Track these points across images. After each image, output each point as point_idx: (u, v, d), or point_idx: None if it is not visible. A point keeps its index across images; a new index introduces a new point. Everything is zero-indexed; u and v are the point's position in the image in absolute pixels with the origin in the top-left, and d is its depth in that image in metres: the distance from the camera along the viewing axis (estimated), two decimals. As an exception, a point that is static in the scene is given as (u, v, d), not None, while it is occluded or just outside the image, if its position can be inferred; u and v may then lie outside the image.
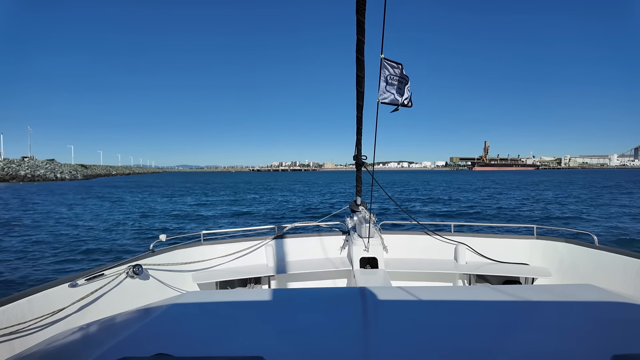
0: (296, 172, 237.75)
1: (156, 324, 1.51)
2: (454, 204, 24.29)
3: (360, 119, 3.25)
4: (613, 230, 11.76)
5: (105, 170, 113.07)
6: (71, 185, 54.89)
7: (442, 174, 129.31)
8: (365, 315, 1.60)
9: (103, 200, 27.80)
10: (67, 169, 77.02)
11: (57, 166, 75.83)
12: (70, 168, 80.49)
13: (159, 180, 79.85)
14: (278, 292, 1.97)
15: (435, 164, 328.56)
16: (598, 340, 1.26)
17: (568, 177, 74.72)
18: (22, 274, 7.90)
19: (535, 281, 3.67)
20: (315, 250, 4.28)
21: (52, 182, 64.21)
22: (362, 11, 2.31)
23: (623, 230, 11.91)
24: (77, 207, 22.10)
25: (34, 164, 70.84)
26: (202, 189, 45.45)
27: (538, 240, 3.89)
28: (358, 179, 4.18)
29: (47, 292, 2.42)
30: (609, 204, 21.83)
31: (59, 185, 54.20)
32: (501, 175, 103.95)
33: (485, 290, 1.94)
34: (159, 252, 3.50)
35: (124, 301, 2.88)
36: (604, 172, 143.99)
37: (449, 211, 19.79)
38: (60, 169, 74.22)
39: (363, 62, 2.71)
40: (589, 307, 1.53)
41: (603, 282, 2.84)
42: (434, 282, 4.16)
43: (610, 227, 12.39)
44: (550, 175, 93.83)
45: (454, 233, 4.19)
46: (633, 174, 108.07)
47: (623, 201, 23.09)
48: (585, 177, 73.98)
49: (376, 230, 4.02)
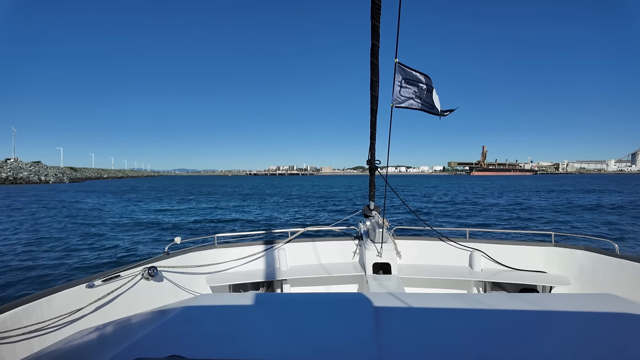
0: (293, 176, 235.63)
1: (170, 325, 1.52)
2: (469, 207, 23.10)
3: (374, 123, 3.13)
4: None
5: (96, 174, 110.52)
6: (47, 188, 52.27)
7: (440, 179, 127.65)
8: (378, 321, 1.56)
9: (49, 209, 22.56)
10: (52, 172, 74.28)
11: (42, 168, 73.23)
12: (56, 171, 77.74)
13: (147, 184, 77.04)
14: (290, 296, 2.05)
15: (433, 168, 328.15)
16: (619, 352, 1.21)
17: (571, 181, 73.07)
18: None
19: (553, 290, 3.55)
20: (327, 255, 4.24)
21: (35, 184, 61.76)
22: (377, 16, 2.31)
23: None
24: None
25: (17, 166, 68.20)
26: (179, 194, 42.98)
27: (556, 248, 3.77)
28: (371, 184, 4.06)
29: (66, 292, 2.48)
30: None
31: (34, 188, 51.59)
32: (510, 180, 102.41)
33: (502, 298, 1.85)
34: (173, 254, 3.50)
35: (139, 302, 2.92)
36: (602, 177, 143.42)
37: (463, 213, 18.76)
38: (46, 172, 71.55)
39: (377, 67, 2.65)
40: (610, 318, 1.47)
41: (624, 292, 2.85)
42: (448, 289, 4.02)
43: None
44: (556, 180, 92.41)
45: (468, 239, 4.06)
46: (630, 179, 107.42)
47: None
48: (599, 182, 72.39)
49: (389, 235, 3.95)
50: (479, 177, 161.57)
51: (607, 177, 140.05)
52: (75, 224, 15.86)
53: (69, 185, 63.23)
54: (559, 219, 17.25)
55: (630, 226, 14.31)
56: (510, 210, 20.89)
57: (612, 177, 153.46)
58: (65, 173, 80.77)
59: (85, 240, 12.12)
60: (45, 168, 75.75)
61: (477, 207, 23.23)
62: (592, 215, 18.61)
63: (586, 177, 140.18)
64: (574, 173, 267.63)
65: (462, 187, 56.54)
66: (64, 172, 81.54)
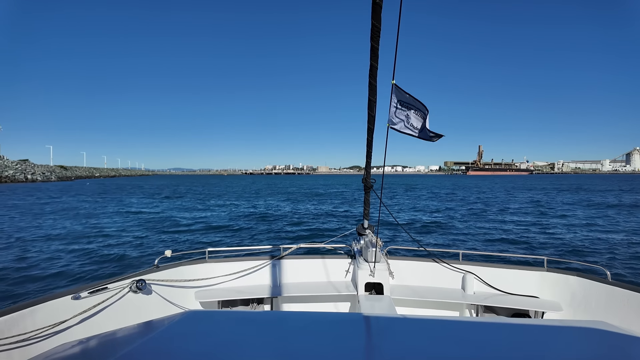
0: (290, 175, 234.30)
1: (157, 341, 1.49)
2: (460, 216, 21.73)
3: (371, 142, 3.09)
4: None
5: (87, 172, 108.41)
6: (25, 187, 50.45)
7: (436, 179, 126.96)
8: (369, 342, 1.56)
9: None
10: (40, 170, 72.27)
11: (29, 167, 71.24)
12: (44, 169, 75.63)
13: (134, 183, 75.34)
14: (280, 314, 2.04)
15: (429, 168, 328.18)
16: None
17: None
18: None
19: (545, 315, 3.52)
20: (319, 273, 4.17)
21: (21, 183, 59.96)
22: (376, 38, 2.33)
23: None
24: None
25: (3, 164, 66.13)
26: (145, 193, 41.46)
27: (549, 273, 3.75)
28: (366, 202, 3.96)
29: (51, 303, 2.45)
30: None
31: (12, 187, 49.79)
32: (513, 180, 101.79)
33: (493, 322, 1.82)
34: (163, 267, 3.46)
35: (126, 316, 2.88)
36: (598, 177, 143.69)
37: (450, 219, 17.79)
38: (32, 170, 69.59)
39: (375, 87, 2.67)
40: (600, 346, 1.47)
41: (616, 319, 2.92)
42: (441, 311, 4.00)
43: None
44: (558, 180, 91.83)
45: (462, 261, 3.99)
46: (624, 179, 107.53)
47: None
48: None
49: (382, 255, 3.92)
50: (475, 177, 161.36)
51: (602, 177, 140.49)
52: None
53: (51, 184, 61.13)
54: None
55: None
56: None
57: (607, 177, 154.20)
58: (54, 172, 78.60)
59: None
60: (32, 166, 73.64)
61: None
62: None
63: (582, 177, 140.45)
64: (569, 173, 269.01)
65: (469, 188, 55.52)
66: (52, 170, 79.34)
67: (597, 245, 11.43)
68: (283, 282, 4.04)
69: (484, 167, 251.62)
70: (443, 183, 74.61)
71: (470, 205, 25.15)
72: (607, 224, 16.12)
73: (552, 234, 13.38)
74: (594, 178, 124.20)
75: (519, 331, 1.62)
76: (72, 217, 18.12)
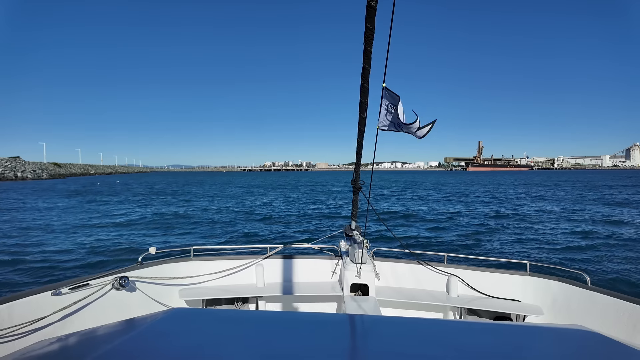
0: (289, 172, 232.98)
1: (139, 339, 1.48)
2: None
3: (361, 144, 3.15)
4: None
5: (82, 170, 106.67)
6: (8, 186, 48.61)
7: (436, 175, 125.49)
8: (354, 343, 1.59)
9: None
10: (30, 168, 70.48)
11: (19, 164, 69.49)
12: (34, 166, 73.78)
13: (128, 180, 73.75)
14: (265, 314, 2.01)
15: (428, 164, 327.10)
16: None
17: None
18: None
19: (526, 319, 3.61)
20: (306, 273, 4.17)
21: (10, 181, 58.31)
22: (369, 41, 2.33)
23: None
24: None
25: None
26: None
27: (530, 277, 3.80)
28: (354, 204, 4.01)
29: (29, 299, 2.41)
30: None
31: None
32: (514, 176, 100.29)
33: (475, 325, 1.90)
34: (147, 264, 3.44)
35: (108, 313, 2.87)
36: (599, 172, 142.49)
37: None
38: (23, 168, 67.86)
39: (367, 90, 2.72)
40: (579, 349, 1.52)
41: (595, 324, 2.98)
42: (425, 313, 4.06)
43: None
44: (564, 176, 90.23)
45: (446, 264, 4.08)
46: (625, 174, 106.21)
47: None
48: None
49: (369, 256, 3.96)
50: (475, 173, 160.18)
51: (603, 173, 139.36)
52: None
53: (37, 182, 59.24)
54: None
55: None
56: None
57: (608, 172, 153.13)
58: (46, 169, 76.77)
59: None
60: (23, 164, 71.94)
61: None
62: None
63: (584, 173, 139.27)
64: (569, 169, 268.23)
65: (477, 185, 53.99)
66: (44, 168, 77.44)
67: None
68: (269, 282, 4.01)
69: (484, 162, 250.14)
70: (447, 180, 73.08)
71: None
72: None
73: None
74: (594, 174, 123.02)
75: (500, 334, 1.64)
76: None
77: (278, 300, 4.06)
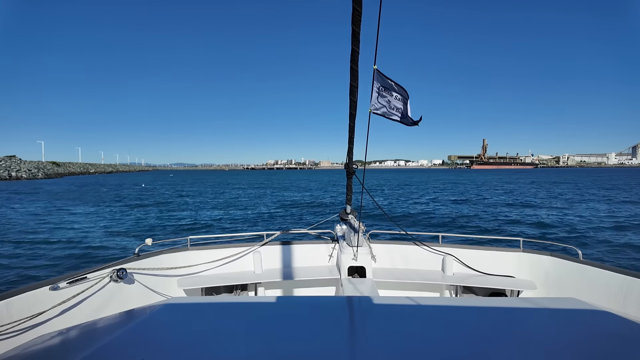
0: (291, 170, 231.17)
1: (139, 329, 1.50)
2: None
3: (353, 127, 3.18)
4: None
5: (81, 169, 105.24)
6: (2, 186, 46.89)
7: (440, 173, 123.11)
8: (352, 324, 1.61)
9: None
10: (25, 167, 68.84)
11: (14, 163, 67.93)
12: (30, 165, 72.14)
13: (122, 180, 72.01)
14: (264, 299, 2.01)
15: (432, 162, 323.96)
16: (581, 353, 1.30)
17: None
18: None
19: (520, 294, 3.66)
20: (303, 258, 4.21)
21: (4, 181, 56.74)
22: (357, 22, 2.33)
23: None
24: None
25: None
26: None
27: (524, 254, 3.88)
28: (349, 187, 4.02)
29: (27, 294, 2.38)
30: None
31: None
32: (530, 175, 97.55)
33: (471, 301, 1.92)
34: (144, 256, 3.43)
35: (107, 305, 2.86)
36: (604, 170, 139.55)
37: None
38: (18, 167, 66.28)
39: (357, 73, 2.71)
40: (572, 321, 1.57)
41: (587, 296, 2.99)
42: (421, 293, 4.12)
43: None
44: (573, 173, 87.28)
45: (441, 244, 4.13)
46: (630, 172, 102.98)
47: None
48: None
49: (365, 239, 4.01)
50: (479, 171, 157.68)
51: (608, 171, 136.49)
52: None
53: (30, 182, 57.54)
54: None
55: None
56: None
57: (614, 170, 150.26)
58: (43, 168, 74.95)
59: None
60: (18, 163, 70.42)
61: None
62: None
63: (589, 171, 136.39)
64: (575, 166, 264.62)
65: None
66: (41, 167, 75.69)
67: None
68: (266, 268, 4.03)
69: (488, 161, 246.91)
70: (450, 178, 70.72)
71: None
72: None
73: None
74: (600, 172, 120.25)
75: (495, 309, 1.67)
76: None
77: (277, 286, 4.10)
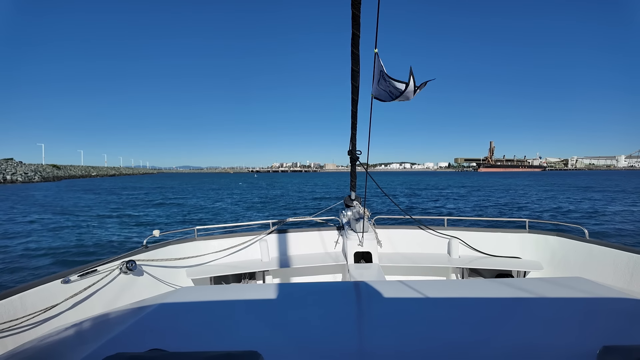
0: (296, 173, 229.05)
1: (150, 319, 1.51)
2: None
3: (355, 113, 3.21)
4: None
5: (83, 172, 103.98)
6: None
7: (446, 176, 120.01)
8: (360, 309, 1.61)
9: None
10: (22, 170, 67.37)
11: (10, 166, 66.46)
12: (27, 168, 70.69)
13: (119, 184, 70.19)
14: (272, 287, 2.05)
15: (438, 165, 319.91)
16: (589, 331, 1.30)
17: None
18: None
19: (527, 274, 3.65)
20: (309, 245, 4.26)
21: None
22: (357, 5, 2.32)
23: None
24: None
25: (-21, 163, 61.46)
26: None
27: (530, 234, 3.88)
28: (352, 174, 4.10)
29: (40, 288, 2.40)
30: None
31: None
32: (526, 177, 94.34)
33: (478, 283, 1.90)
34: (152, 247, 3.46)
35: (118, 297, 2.90)
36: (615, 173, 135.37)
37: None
38: (14, 170, 64.77)
39: (358, 57, 2.69)
40: (580, 300, 1.56)
41: (594, 275, 2.97)
42: (428, 276, 4.12)
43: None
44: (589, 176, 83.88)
45: (447, 227, 4.15)
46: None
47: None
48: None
49: (370, 225, 4.02)
50: (487, 174, 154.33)
51: (619, 173, 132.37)
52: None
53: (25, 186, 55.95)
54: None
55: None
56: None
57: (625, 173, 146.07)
58: (42, 171, 73.52)
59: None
60: (15, 166, 68.99)
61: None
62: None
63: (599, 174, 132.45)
64: (583, 169, 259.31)
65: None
66: (40, 170, 74.30)
67: None
68: (274, 256, 4.07)
69: (495, 163, 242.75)
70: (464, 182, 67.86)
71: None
72: None
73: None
74: (611, 174, 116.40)
75: (503, 291, 1.65)
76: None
77: (285, 273, 4.13)
